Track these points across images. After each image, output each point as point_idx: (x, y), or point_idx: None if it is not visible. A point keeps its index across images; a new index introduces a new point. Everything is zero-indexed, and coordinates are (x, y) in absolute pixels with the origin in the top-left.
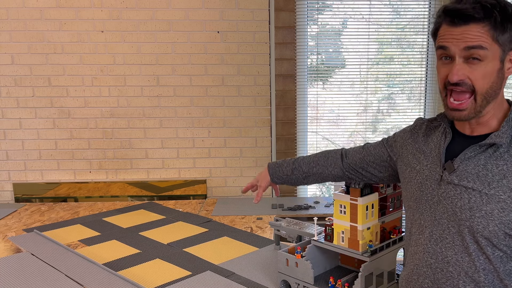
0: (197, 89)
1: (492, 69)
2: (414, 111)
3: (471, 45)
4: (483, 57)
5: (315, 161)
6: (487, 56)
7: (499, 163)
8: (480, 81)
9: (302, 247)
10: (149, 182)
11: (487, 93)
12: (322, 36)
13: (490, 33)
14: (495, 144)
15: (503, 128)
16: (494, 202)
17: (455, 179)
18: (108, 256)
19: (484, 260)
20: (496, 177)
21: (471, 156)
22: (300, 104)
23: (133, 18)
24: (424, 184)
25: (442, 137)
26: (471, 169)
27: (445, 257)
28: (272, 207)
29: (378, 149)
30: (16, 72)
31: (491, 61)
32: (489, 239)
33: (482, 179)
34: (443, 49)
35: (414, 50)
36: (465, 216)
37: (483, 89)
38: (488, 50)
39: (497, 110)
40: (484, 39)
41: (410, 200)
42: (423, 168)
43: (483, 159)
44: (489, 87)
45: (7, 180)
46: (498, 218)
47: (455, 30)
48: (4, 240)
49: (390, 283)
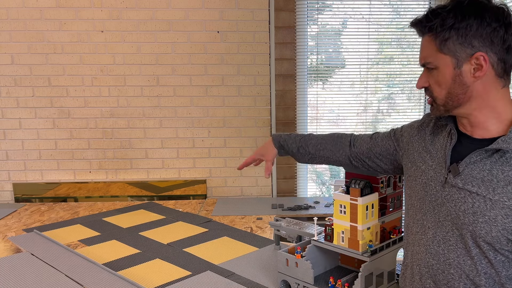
0: (197, 89)
1: (447, 77)
2: (414, 111)
3: (421, 63)
4: (436, 66)
5: (322, 144)
6: (439, 65)
7: (504, 169)
8: (437, 88)
9: (302, 247)
10: (149, 182)
11: (448, 97)
12: (322, 36)
13: (434, 43)
14: (501, 149)
15: (510, 134)
16: (498, 208)
17: (459, 183)
18: (108, 256)
19: (486, 264)
20: (501, 183)
21: (476, 161)
22: (300, 104)
23: (133, 18)
24: (429, 185)
25: (448, 138)
26: (476, 174)
27: (447, 259)
28: (272, 207)
29: (385, 141)
30: (16, 72)
31: (443, 69)
32: (491, 244)
33: (487, 184)
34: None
35: (414, 50)
36: (468, 220)
37: (441, 94)
38: (433, 62)
39: (493, 114)
40: (429, 51)
41: (413, 198)
42: (428, 168)
43: (488, 164)
44: (447, 92)
45: (7, 180)
46: (502, 224)
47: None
48: (4, 240)
49: (390, 283)
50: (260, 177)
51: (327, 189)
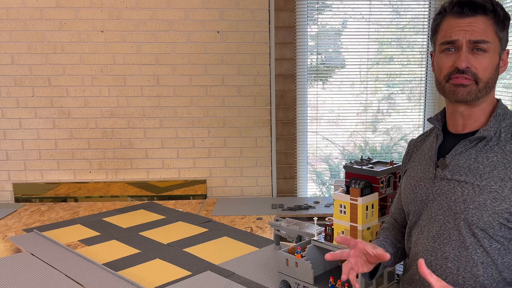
0: (197, 89)
1: (494, 62)
2: (414, 111)
3: (478, 39)
4: (487, 49)
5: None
6: (490, 48)
7: (489, 155)
8: (483, 71)
9: (302, 247)
10: (149, 182)
11: (488, 83)
12: (322, 36)
13: (493, 27)
14: (485, 138)
15: (490, 123)
16: (486, 192)
17: (448, 174)
18: (108, 256)
19: (482, 253)
20: (487, 169)
21: (462, 151)
22: (300, 104)
23: (133, 18)
24: (418, 186)
25: (434, 140)
26: (462, 163)
27: (443, 253)
28: (272, 207)
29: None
30: (16, 72)
31: (493, 54)
32: (485, 230)
33: (474, 171)
34: (450, 44)
35: (414, 50)
36: (459, 209)
37: (485, 78)
38: (491, 43)
39: (488, 105)
40: (488, 32)
41: (406, 204)
42: (417, 172)
43: (474, 153)
44: (489, 77)
45: (7, 180)
46: (492, 208)
47: (462, 21)
48: (4, 240)
49: (390, 283)
50: (260, 177)
51: (327, 189)
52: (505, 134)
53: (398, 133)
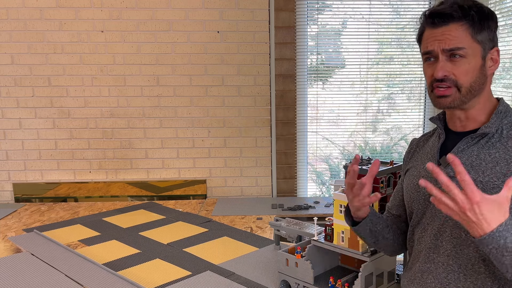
0: (197, 89)
1: (475, 66)
2: (414, 111)
3: (450, 48)
4: (464, 55)
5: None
6: (468, 53)
7: (491, 152)
8: (463, 77)
9: (302, 247)
10: (149, 182)
11: (472, 87)
12: (322, 36)
13: (468, 31)
14: (486, 135)
15: (492, 120)
16: (489, 188)
17: (450, 172)
18: (108, 256)
19: None
20: (489, 165)
21: (464, 148)
22: (300, 104)
23: (133, 18)
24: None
25: (436, 138)
26: (465, 160)
27: (445, 251)
28: (272, 207)
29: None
30: (16, 72)
31: (473, 58)
32: None
33: (476, 168)
34: (428, 54)
35: (414, 50)
36: None
37: (467, 83)
38: (467, 48)
39: (485, 106)
40: (462, 38)
41: (409, 203)
42: (420, 171)
43: (476, 149)
44: (473, 81)
45: (7, 180)
46: None
47: (436, 31)
48: (4, 240)
49: (390, 283)
50: (260, 177)
51: (327, 189)
52: (507, 131)
53: (398, 133)
